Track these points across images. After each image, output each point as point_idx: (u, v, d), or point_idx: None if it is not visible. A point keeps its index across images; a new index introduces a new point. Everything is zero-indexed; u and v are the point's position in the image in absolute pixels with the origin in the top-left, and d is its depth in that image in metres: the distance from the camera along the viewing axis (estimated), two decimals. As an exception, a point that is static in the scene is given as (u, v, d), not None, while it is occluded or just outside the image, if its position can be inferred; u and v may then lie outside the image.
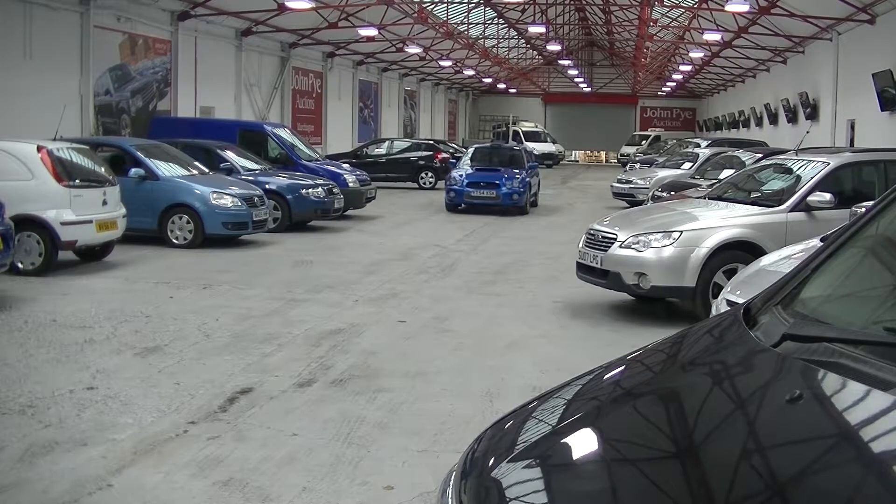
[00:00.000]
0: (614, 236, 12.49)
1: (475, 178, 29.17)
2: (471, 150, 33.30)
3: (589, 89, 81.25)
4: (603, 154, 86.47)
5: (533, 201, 31.29)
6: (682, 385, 3.42)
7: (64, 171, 15.61)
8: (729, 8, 32.78)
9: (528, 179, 29.75)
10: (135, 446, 7.23)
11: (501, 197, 28.41)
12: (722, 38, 41.92)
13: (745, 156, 23.44)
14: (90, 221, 15.69)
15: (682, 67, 60.07)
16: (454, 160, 37.93)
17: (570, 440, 3.12)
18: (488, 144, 35.92)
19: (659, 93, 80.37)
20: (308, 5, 33.08)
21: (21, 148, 15.56)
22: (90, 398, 8.49)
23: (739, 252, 12.05)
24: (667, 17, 49.55)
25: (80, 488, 6.38)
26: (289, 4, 32.77)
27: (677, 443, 3.01)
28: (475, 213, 28.21)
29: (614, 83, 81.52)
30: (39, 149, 15.51)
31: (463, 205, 28.84)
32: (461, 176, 29.39)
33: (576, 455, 3.11)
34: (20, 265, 14.80)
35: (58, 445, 7.21)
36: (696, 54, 51.43)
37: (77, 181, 15.83)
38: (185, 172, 20.18)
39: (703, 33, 42.12)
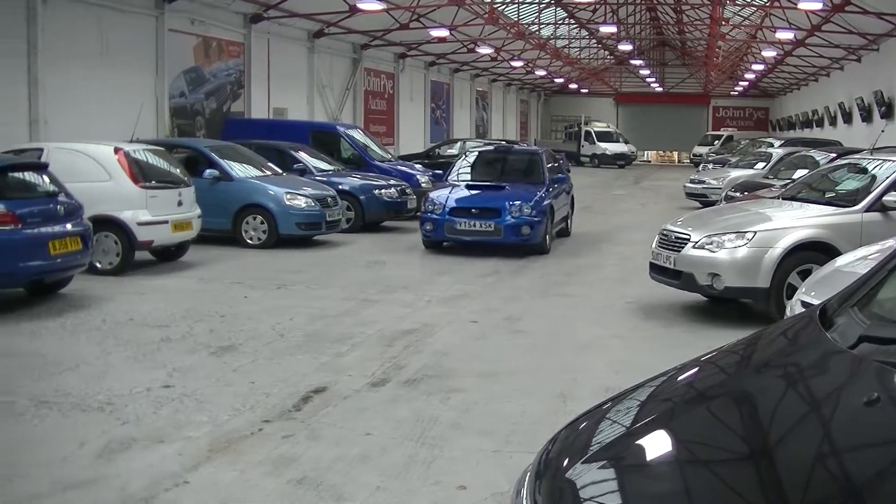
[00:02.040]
0: (687, 237, 12.42)
1: (464, 200, 19.29)
2: (468, 157, 22.86)
3: (661, 89, 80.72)
4: (675, 154, 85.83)
5: (562, 229, 22.04)
6: (757, 387, 3.42)
7: (140, 173, 15.81)
8: (802, 6, 32.38)
9: (548, 201, 19.62)
10: (210, 444, 7.32)
11: (503, 230, 18.56)
12: (794, 36, 41.41)
13: (819, 155, 23.18)
14: (166, 222, 15.87)
15: (755, 66, 59.49)
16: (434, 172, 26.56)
17: (644, 441, 3.13)
18: (492, 148, 24.38)
19: (731, 92, 79.55)
20: (379, 7, 33.13)
21: (99, 150, 15.80)
22: (166, 396, 8.60)
23: (814, 253, 11.90)
24: (738, 15, 49.10)
25: (156, 485, 6.48)
26: (360, 6, 32.83)
27: (751, 445, 3.01)
28: (465, 253, 19.06)
29: (686, 83, 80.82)
30: (116, 150, 15.74)
31: (446, 241, 19.51)
32: (444, 197, 19.35)
33: (649, 456, 3.11)
34: (98, 265, 15.01)
35: (135, 442, 7.32)
36: (769, 53, 50.79)
37: (153, 182, 16.03)
38: (259, 173, 20.35)
39: (775, 32, 41.63)
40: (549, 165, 21.50)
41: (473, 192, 19.81)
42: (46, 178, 13.41)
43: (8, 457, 6.99)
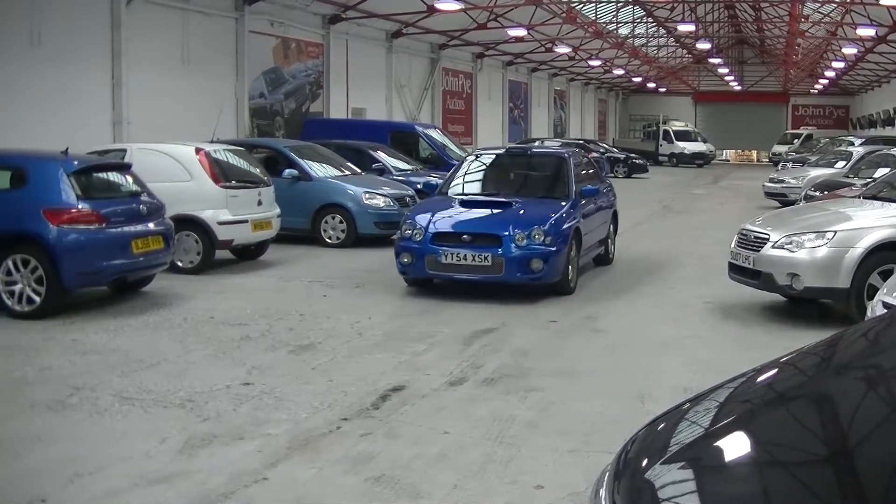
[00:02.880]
0: (767, 236, 12.30)
1: (453, 222, 14.27)
2: (471, 162, 17.07)
3: (739, 87, 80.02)
4: (754, 153, 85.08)
5: (600, 255, 16.97)
6: (837, 389, 3.40)
7: (221, 173, 15.99)
8: (883, 1, 31.93)
9: (572, 223, 14.44)
10: (289, 441, 7.40)
11: (505, 264, 13.47)
12: (876, 32, 40.80)
13: (901, 154, 22.89)
14: (246, 221, 16.04)
15: (835, 64, 58.72)
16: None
17: (723, 443, 3.13)
18: (503, 150, 18.73)
19: (811, 90, 78.66)
20: (457, 7, 33.23)
21: (180, 150, 16.01)
22: (246, 393, 8.70)
23: (895, 253, 11.76)
24: (818, 12, 48.53)
25: (236, 481, 6.57)
26: (438, 6, 32.95)
27: (831, 447, 3.00)
28: (456, 294, 13.90)
29: (765, 81, 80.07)
30: (198, 151, 15.94)
31: (435, 279, 14.35)
32: (427, 218, 14.29)
33: (728, 458, 3.11)
34: (179, 263, 15.21)
35: (215, 438, 7.42)
36: (849, 50, 50.17)
37: (233, 182, 16.21)
38: (338, 173, 20.47)
39: (855, 28, 41.08)
40: (579, 173, 16.07)
41: (468, 210, 14.77)
42: (129, 178, 13.60)
43: (93, 451, 7.11)
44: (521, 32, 40.74)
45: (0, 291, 11.93)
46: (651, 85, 77.12)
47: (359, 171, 21.47)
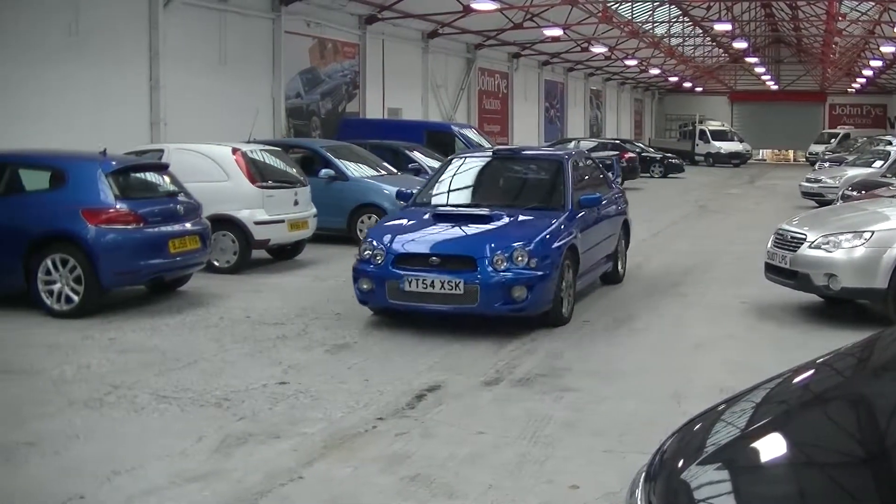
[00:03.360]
0: (803, 236, 12.23)
1: (425, 242, 11.82)
2: (453, 166, 14.59)
3: (776, 87, 79.55)
4: (791, 153, 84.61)
5: (608, 273, 14.80)
6: (874, 390, 3.39)
7: (257, 173, 16.06)
8: (922, 0, 31.70)
9: (567, 239, 12.11)
10: (325, 440, 7.43)
11: (479, 292, 11.11)
12: (915, 31, 40.55)
13: (941, 154, 22.71)
14: (282, 221, 16.09)
15: (873, 63, 58.28)
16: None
17: (760, 444, 3.13)
18: (489, 154, 15.60)
19: (848, 89, 78.08)
20: (493, 7, 33.16)
21: (217, 150, 16.09)
22: (282, 392, 8.75)
23: (934, 253, 11.66)
24: (856, 10, 48.19)
25: (272, 479, 6.61)
26: (473, 6, 32.90)
27: (868, 448, 2.99)
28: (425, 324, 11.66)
29: (802, 80, 79.57)
30: (234, 151, 16.02)
31: (399, 309, 11.79)
32: (390, 236, 11.89)
33: (765, 459, 3.11)
34: (216, 263, 15.29)
35: (251, 437, 7.47)
36: (888, 49, 49.80)
37: (269, 182, 16.26)
38: (374, 173, 20.48)
39: (893, 27, 40.75)
40: (580, 179, 13.87)
41: (441, 225, 12.36)
42: (167, 178, 13.68)
43: (130, 449, 7.16)
44: (557, 32, 40.62)
45: (40, 291, 12.04)
46: (687, 84, 76.78)
47: (395, 170, 21.48)
